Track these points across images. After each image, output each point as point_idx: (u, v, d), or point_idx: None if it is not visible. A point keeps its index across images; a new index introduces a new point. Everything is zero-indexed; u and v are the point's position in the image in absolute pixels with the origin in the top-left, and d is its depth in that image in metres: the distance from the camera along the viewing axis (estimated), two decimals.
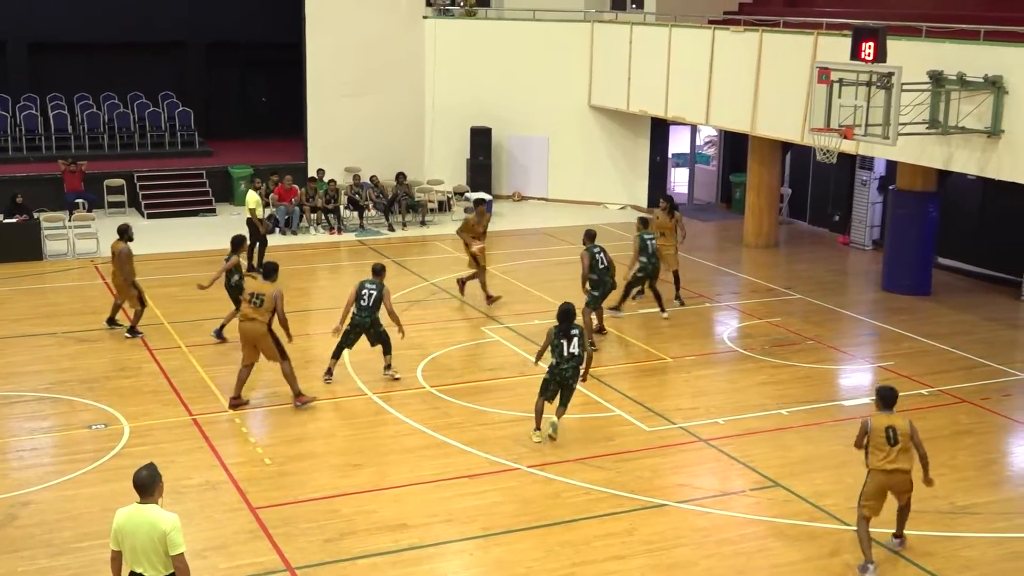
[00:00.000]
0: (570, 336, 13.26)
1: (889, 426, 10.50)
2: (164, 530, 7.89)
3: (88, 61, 31.66)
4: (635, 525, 11.52)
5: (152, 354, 16.77)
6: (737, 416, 14.52)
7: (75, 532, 11.19)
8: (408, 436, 13.78)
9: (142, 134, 30.55)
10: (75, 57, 31.56)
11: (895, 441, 10.44)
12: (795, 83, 20.96)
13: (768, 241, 24.73)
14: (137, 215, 26.73)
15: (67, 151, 28.85)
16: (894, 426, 10.50)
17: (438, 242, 24.88)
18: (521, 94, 28.75)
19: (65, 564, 10.59)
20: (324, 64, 28.13)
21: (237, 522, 11.48)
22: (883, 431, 10.50)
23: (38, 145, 29.45)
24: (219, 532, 11.25)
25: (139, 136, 30.51)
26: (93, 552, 10.78)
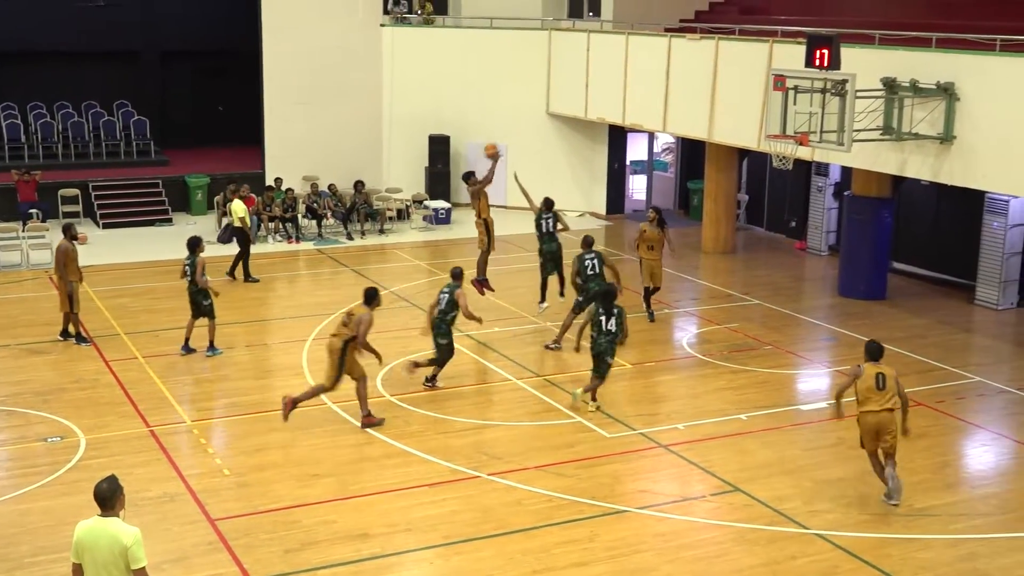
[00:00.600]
0: (610, 314, 14.51)
1: (879, 373, 12.05)
2: (125, 544, 7.80)
3: (41, 70, 31.30)
4: (596, 532, 11.53)
5: (108, 365, 16.60)
6: (697, 421, 14.59)
7: (31, 546, 11.05)
8: (368, 445, 13.73)
9: (97, 143, 30.28)
10: (28, 66, 31.19)
11: (883, 387, 12.02)
12: (751, 90, 21.12)
13: (726, 247, 24.89)
14: (92, 225, 26.46)
15: (20, 161, 28.52)
16: (883, 373, 12.06)
17: (397, 250, 24.84)
18: (479, 102, 28.77)
19: None
20: (281, 72, 28.01)
21: (196, 534, 11.38)
22: (874, 378, 12.05)
23: None
24: (178, 544, 11.15)
25: (94, 145, 30.23)
26: (49, 567, 10.66)
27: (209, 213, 27.41)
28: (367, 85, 28.94)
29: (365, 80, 28.91)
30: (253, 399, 15.38)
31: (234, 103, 33.11)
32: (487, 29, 28.65)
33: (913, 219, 22.67)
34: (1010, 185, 16.99)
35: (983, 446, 14.13)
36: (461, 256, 24.24)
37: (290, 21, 27.85)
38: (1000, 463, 13.64)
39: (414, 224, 27.26)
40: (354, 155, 28.68)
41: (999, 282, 20.21)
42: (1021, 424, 14.80)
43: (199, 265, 16.76)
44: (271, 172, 27.75)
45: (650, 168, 30.22)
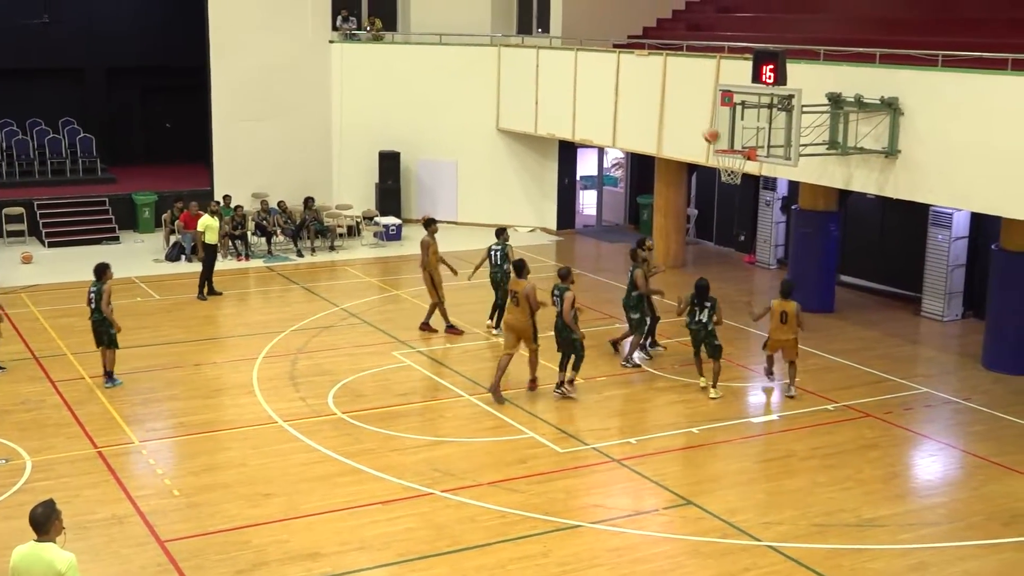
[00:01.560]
0: (703, 306, 16.09)
1: (783, 311, 15.95)
2: (60, 570, 7.67)
3: None
4: (550, 547, 11.52)
5: (55, 386, 16.37)
6: (649, 435, 14.65)
7: None
8: (320, 464, 13.63)
9: (42, 161, 29.90)
10: None
11: (785, 321, 15.94)
12: (699, 105, 21.29)
13: (676, 261, 25.04)
14: (38, 244, 26.12)
15: None
16: (786, 311, 15.91)
17: (348, 267, 24.73)
18: (429, 118, 28.77)
19: None
20: (229, 89, 27.84)
21: (145, 556, 11.23)
22: (779, 313, 16.02)
23: None
24: (126, 567, 11.00)
25: (39, 163, 29.85)
26: None
27: (157, 231, 27.13)
28: (316, 101, 28.85)
29: (314, 96, 28.81)
30: (202, 418, 15.22)
31: (182, 120, 32.89)
32: (436, 45, 28.67)
33: (859, 232, 22.95)
34: (954, 198, 17.26)
35: (931, 456, 14.31)
36: (412, 272, 24.22)
37: (238, 37, 27.70)
38: (947, 473, 13.82)
39: (365, 241, 27.17)
40: (304, 172, 28.56)
41: (944, 294, 20.50)
42: (968, 434, 15.01)
43: (105, 293, 16.23)
44: (220, 189, 27.55)
45: (600, 183, 30.36)
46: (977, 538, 11.86)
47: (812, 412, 15.64)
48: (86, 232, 26.65)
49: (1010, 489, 13.18)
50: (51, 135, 30.46)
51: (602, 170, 30.33)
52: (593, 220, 30.11)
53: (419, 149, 29.02)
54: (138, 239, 26.95)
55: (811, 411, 15.68)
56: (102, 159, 30.54)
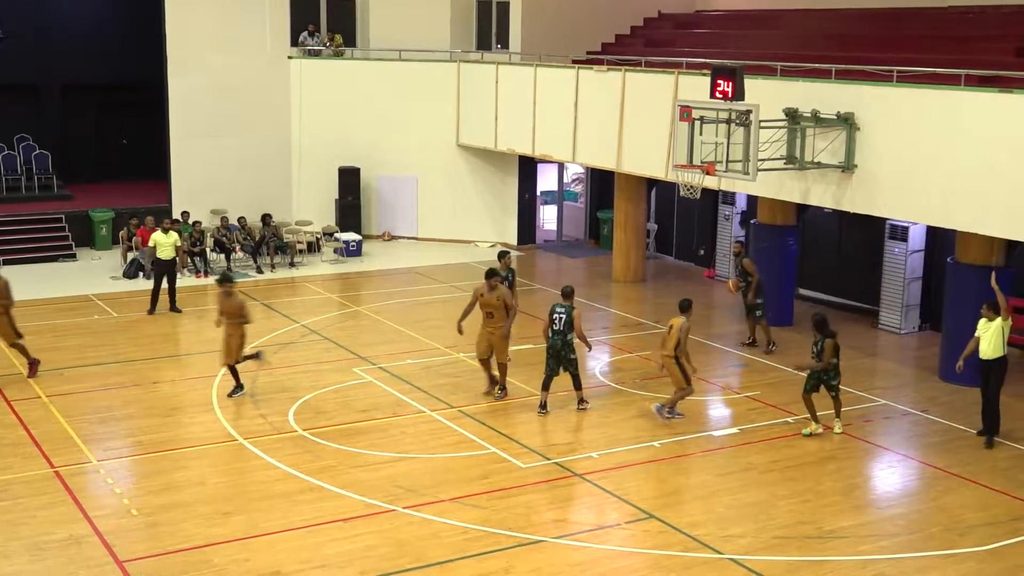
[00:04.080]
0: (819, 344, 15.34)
1: (669, 325, 15.53)
2: None
3: None
4: (512, 563, 11.49)
5: (10, 405, 16.14)
6: (611, 450, 14.66)
7: None
8: (280, 481, 13.53)
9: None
10: None
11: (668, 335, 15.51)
12: (658, 121, 21.41)
13: (636, 276, 25.13)
14: None
15: None
16: (671, 325, 15.51)
17: (308, 283, 24.61)
18: (389, 134, 28.74)
19: None
20: (187, 105, 27.67)
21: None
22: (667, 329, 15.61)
23: None
24: None
25: None
26: None
27: (114, 248, 26.88)
28: (275, 117, 28.74)
29: (273, 112, 28.70)
30: (161, 437, 15.07)
31: (139, 136, 32.64)
32: (396, 61, 28.66)
33: (817, 246, 23.15)
34: (910, 212, 17.45)
35: (890, 467, 14.42)
36: (372, 288, 24.16)
37: (195, 54, 27.55)
38: (906, 484, 13.93)
39: (325, 257, 27.06)
40: (263, 188, 28.42)
41: (901, 307, 20.71)
42: (925, 445, 15.14)
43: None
44: (178, 206, 27.35)
45: (560, 198, 30.44)
46: (936, 549, 11.95)
47: (772, 425, 15.73)
48: (42, 249, 26.34)
49: (967, 500, 13.31)
50: (6, 152, 30.13)
51: (562, 185, 30.42)
52: (554, 235, 30.17)
53: (379, 165, 28.98)
54: (95, 256, 26.69)
55: (771, 424, 15.77)
56: (58, 176, 30.26)
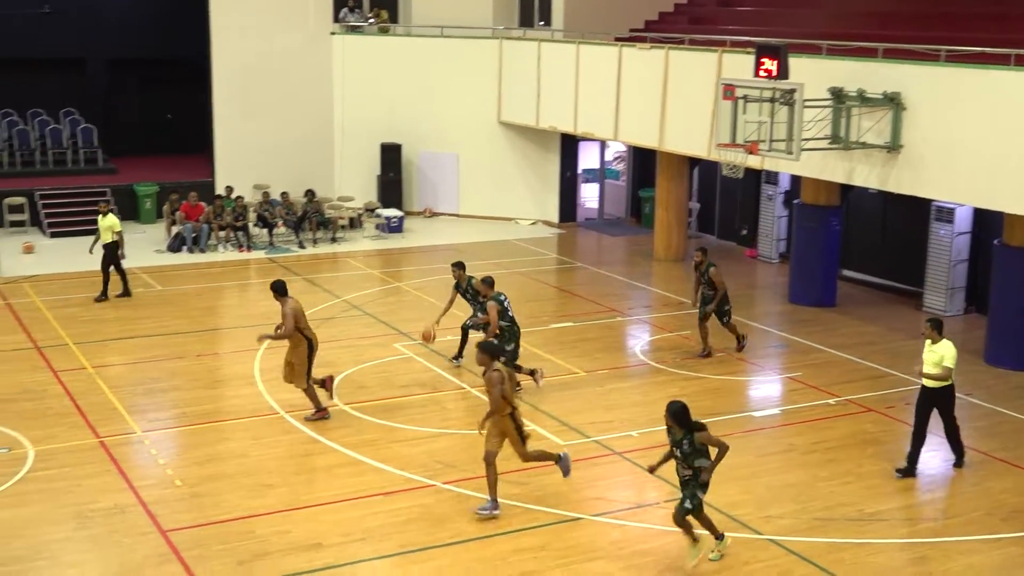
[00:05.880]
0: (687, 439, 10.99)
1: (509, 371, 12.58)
2: None
3: None
4: (550, 540, 11.54)
5: (57, 376, 16.38)
6: (650, 429, 14.64)
7: None
8: (321, 455, 13.65)
9: (43, 152, 29.87)
10: None
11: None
12: (701, 99, 21.28)
13: (677, 255, 25.04)
14: (40, 234, 26.12)
15: None
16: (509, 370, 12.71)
17: (349, 259, 24.74)
18: (431, 110, 28.76)
19: None
20: (230, 80, 27.83)
21: (148, 546, 11.24)
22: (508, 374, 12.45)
23: None
24: (129, 557, 11.01)
25: (40, 154, 29.82)
26: None
27: (158, 222, 27.13)
28: (318, 93, 28.83)
29: (316, 88, 28.80)
30: (204, 409, 15.24)
31: (183, 111, 32.86)
32: (438, 38, 28.63)
33: (861, 227, 22.95)
34: (956, 193, 17.27)
35: (932, 451, 14.28)
36: (413, 264, 24.25)
37: (239, 29, 27.68)
38: (949, 467, 13.80)
39: (366, 233, 27.17)
40: (305, 163, 28.56)
41: (946, 289, 20.51)
42: (969, 429, 14.98)
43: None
44: (221, 180, 27.56)
45: (602, 176, 30.36)
46: (978, 533, 11.87)
47: (813, 406, 15.65)
48: (87, 223, 26.56)
49: (1010, 484, 13.20)
50: (52, 125, 30.44)
51: (604, 163, 30.33)
52: (595, 213, 30.09)
53: (421, 141, 29.01)
54: (139, 230, 26.94)
55: (812, 405, 15.70)
56: (103, 150, 30.52)
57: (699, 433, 10.75)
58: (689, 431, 10.74)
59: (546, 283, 22.94)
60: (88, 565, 10.90)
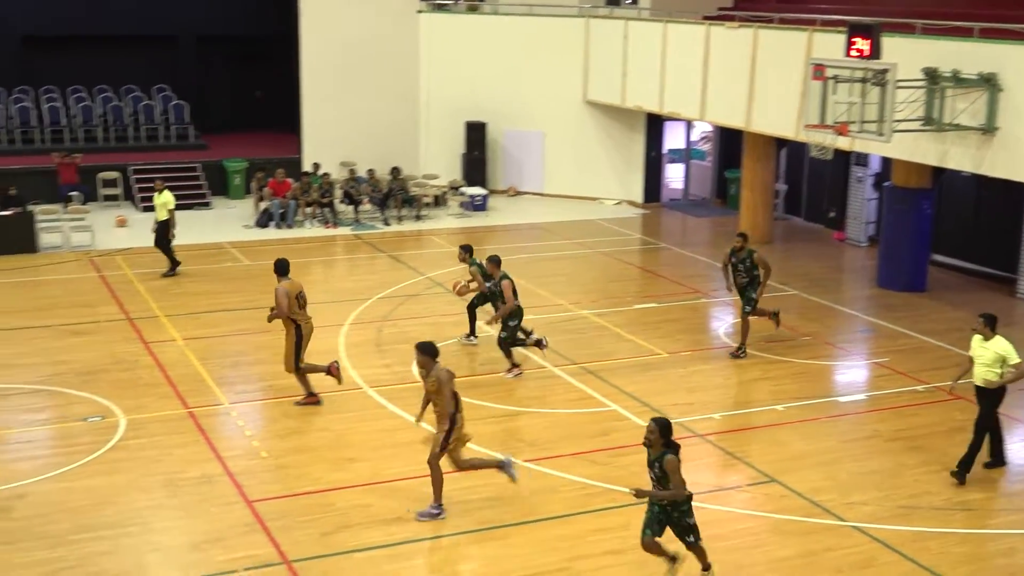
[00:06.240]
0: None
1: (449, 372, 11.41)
2: None
3: (82, 54, 31.56)
4: (631, 520, 11.49)
5: (148, 347, 16.75)
6: (732, 412, 14.55)
7: (71, 524, 11.18)
8: (402, 431, 13.77)
9: (136, 127, 30.48)
10: (69, 50, 31.47)
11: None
12: (790, 80, 20.97)
13: (763, 237, 24.74)
14: (132, 208, 26.68)
15: (61, 144, 28.79)
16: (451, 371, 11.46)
17: (433, 236, 24.88)
18: (516, 89, 28.75)
19: (61, 556, 10.58)
20: (319, 58, 28.11)
21: (234, 515, 11.47)
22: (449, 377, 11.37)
23: (32, 138, 29.38)
24: (216, 525, 11.25)
25: (133, 129, 30.44)
26: (89, 544, 10.79)
27: (247, 197, 27.56)
28: (404, 71, 28.99)
29: (402, 66, 28.96)
30: (289, 382, 15.40)
31: (272, 88, 33.28)
32: (525, 16, 28.58)
33: (953, 211, 22.46)
34: None
35: (1022, 441, 13.99)
36: (497, 243, 24.30)
37: (327, 6, 27.92)
38: None
39: (450, 210, 27.29)
40: (391, 141, 28.75)
41: None
42: None
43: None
44: (308, 157, 27.88)
45: (687, 157, 30.11)
46: None
47: (900, 393, 15.40)
48: (178, 197, 27.00)
49: None
50: (145, 101, 31.03)
51: (689, 143, 30.07)
52: (679, 194, 29.88)
53: (506, 120, 29.02)
54: (229, 205, 27.39)
55: (899, 392, 15.44)
56: (194, 126, 31.04)
57: (670, 456, 9.79)
58: (667, 449, 9.83)
59: (629, 263, 22.85)
60: (176, 532, 11.16)
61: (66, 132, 29.62)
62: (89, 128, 29.97)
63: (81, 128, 29.87)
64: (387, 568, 10.59)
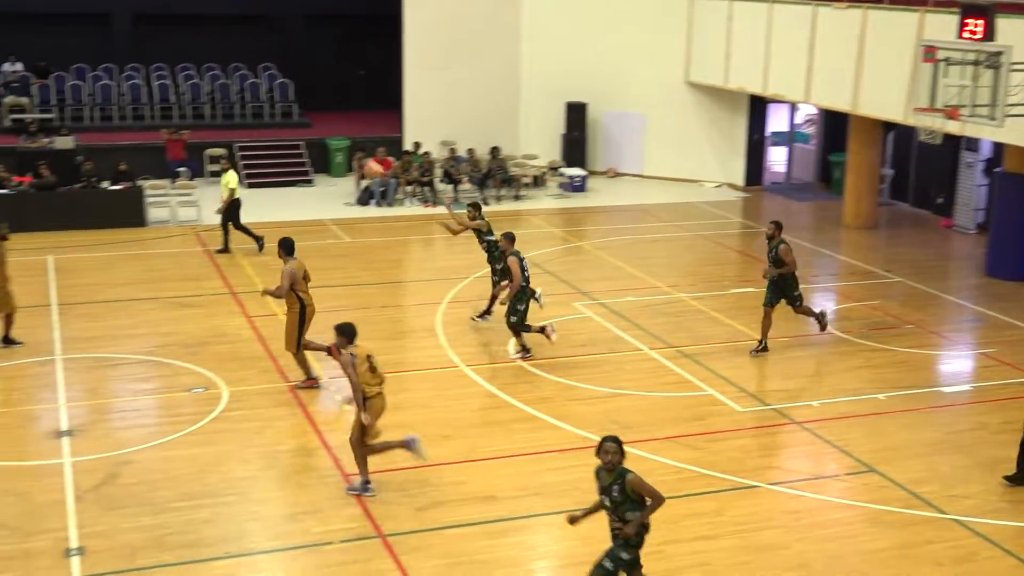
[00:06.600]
0: None
1: (368, 355, 11.30)
2: None
3: (191, 32, 32.25)
4: (725, 505, 11.44)
5: (250, 321, 17.08)
6: (832, 399, 14.32)
7: (174, 492, 11.47)
8: (498, 409, 13.85)
9: (242, 105, 31.04)
10: (178, 28, 32.18)
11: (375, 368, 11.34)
12: (899, 61, 20.49)
13: (867, 222, 24.27)
14: None
15: (170, 120, 29.45)
16: (371, 354, 11.34)
17: (531, 216, 24.89)
18: (617, 69, 28.56)
19: (164, 523, 10.87)
20: (420, 37, 28.26)
21: (330, 488, 11.66)
22: (367, 360, 11.25)
23: (142, 114, 30.11)
24: (312, 497, 11.44)
25: (239, 107, 31.00)
26: (191, 512, 11.06)
27: (349, 175, 27.89)
28: (505, 51, 28.99)
29: (503, 46, 28.96)
30: (386, 359, 15.41)
31: (375, 67, 33.58)
32: None
33: None
34: None
35: None
36: (595, 224, 24.25)
37: None
38: None
39: (549, 191, 27.28)
40: (491, 121, 28.80)
41: None
42: None
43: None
44: (409, 136, 28.08)
45: (791, 140, 29.64)
46: None
47: (1007, 385, 14.99)
48: (282, 174, 27.59)
49: None
50: (252, 80, 31.57)
51: (793, 126, 29.58)
52: (782, 177, 29.44)
53: (606, 100, 28.87)
54: (331, 183, 27.74)
55: (1006, 384, 15.03)
56: (298, 104, 31.49)
57: (631, 476, 8.74)
58: (624, 472, 8.77)
59: (729, 247, 22.61)
60: (274, 503, 11.38)
61: (175, 109, 30.31)
62: (197, 105, 30.62)
63: (189, 105, 30.54)
64: (480, 544, 10.67)
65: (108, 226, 22.49)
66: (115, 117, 29.89)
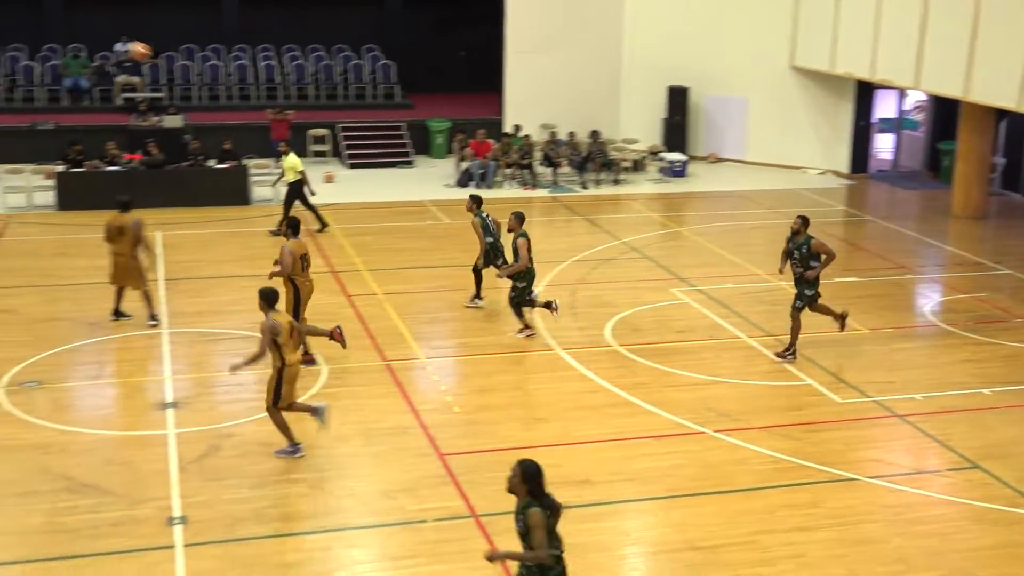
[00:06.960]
0: None
1: (289, 322, 11.63)
2: None
3: (296, 14, 32.70)
4: (822, 497, 11.27)
5: (350, 299, 17.29)
6: (936, 393, 14.00)
7: (273, 466, 11.68)
8: (593, 393, 13.82)
9: (345, 86, 31.39)
10: (285, 9, 32.64)
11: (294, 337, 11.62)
12: (1014, 46, 19.86)
13: (977, 213, 23.65)
14: (339, 164, 27.52)
15: (275, 101, 29.92)
16: (292, 322, 11.72)
17: (631, 201, 24.77)
18: (720, 53, 28.22)
19: (263, 495, 11.08)
20: (522, 19, 28.25)
21: (425, 466, 11.76)
22: (288, 327, 11.51)
23: (248, 94, 30.64)
24: (408, 475, 11.56)
25: (342, 88, 31.36)
26: (288, 486, 11.26)
27: (449, 157, 28.04)
28: (607, 34, 28.84)
29: (605, 29, 28.81)
30: (483, 340, 15.70)
31: (476, 49, 33.67)
32: None
33: None
34: None
35: None
36: (695, 209, 24.03)
37: None
38: None
39: (649, 176, 27.09)
40: (592, 104, 28.69)
41: None
42: None
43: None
44: (509, 119, 28.12)
45: (899, 127, 28.99)
46: None
47: None
48: (383, 155, 27.85)
49: None
50: (355, 61, 31.90)
51: (902, 112, 28.92)
52: (888, 165, 28.82)
53: (708, 85, 28.56)
54: (431, 164, 27.93)
55: None
56: (401, 85, 31.73)
57: (533, 510, 7.88)
58: (532, 500, 7.95)
59: (832, 235, 22.15)
60: (370, 480, 11.52)
61: (280, 89, 30.79)
62: (301, 86, 31.06)
63: (294, 86, 30.99)
64: (573, 528, 10.60)
65: (213, 203, 22.96)
66: (222, 97, 30.47)
